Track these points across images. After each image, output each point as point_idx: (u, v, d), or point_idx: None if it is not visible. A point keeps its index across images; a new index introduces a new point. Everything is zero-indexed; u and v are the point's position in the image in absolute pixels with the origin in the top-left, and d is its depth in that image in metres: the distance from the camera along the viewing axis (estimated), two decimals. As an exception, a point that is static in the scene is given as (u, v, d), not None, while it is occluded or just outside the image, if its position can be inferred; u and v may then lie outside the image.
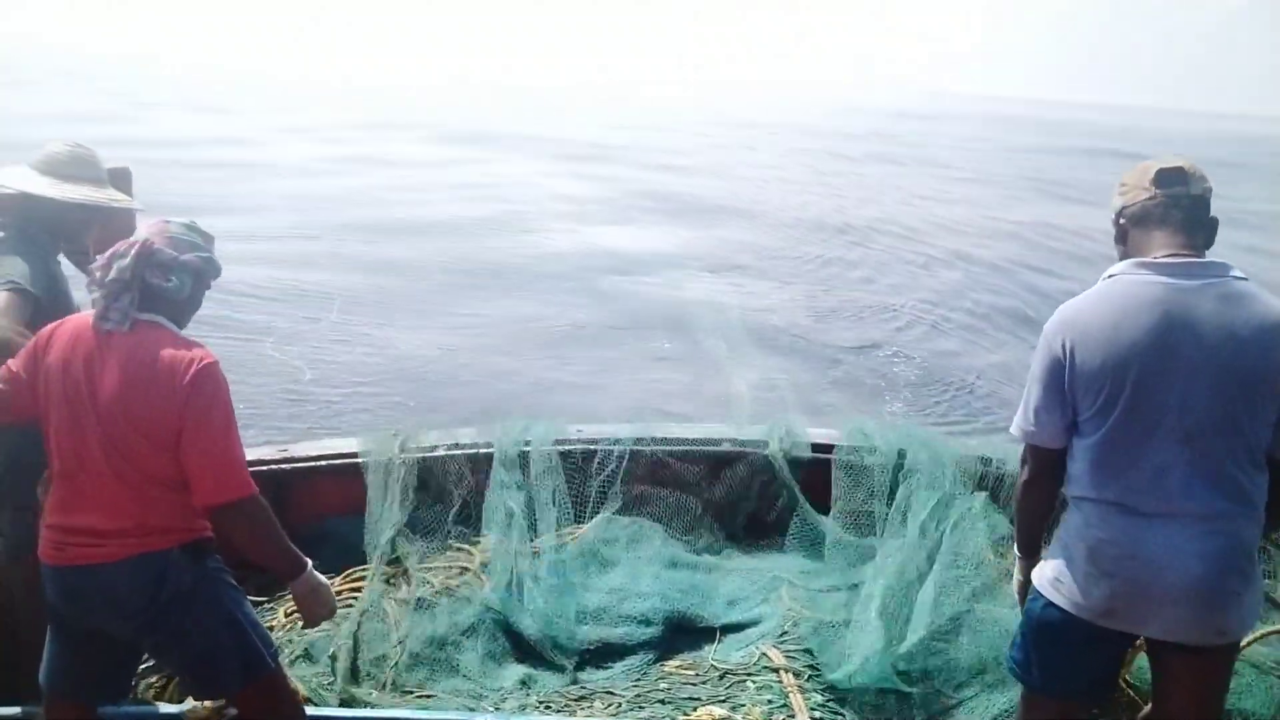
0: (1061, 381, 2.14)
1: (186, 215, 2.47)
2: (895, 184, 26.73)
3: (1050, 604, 2.22)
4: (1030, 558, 2.41)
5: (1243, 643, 2.68)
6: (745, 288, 13.36)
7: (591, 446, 4.23)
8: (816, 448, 4.23)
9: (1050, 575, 2.24)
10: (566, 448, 4.20)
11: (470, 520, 4.08)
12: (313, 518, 4.08)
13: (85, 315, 2.35)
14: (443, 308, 11.53)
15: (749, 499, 4.25)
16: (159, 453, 2.22)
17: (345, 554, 3.94)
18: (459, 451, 4.21)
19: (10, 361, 2.37)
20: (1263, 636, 2.89)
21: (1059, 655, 2.26)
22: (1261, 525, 2.12)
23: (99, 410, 2.22)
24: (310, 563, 2.42)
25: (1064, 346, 2.13)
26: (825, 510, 3.99)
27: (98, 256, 2.34)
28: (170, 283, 2.31)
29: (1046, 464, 2.25)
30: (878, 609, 3.20)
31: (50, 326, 2.37)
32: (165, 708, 2.74)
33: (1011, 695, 2.87)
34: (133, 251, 2.27)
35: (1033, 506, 2.35)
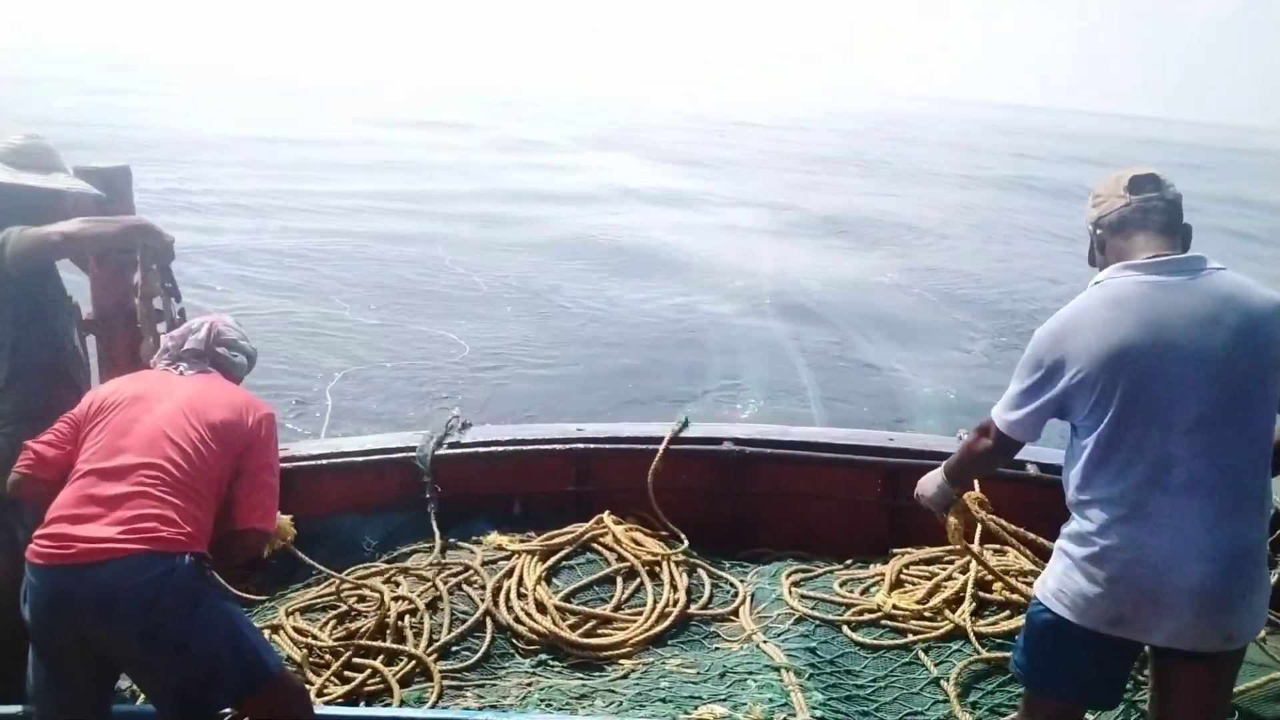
0: (1049, 385, 2.16)
1: None
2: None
3: (1053, 613, 2.21)
4: (956, 487, 2.64)
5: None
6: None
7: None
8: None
9: (1053, 586, 2.22)
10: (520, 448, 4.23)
11: (473, 518, 4.09)
12: (314, 516, 4.08)
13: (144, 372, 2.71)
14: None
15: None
16: (220, 455, 2.44)
17: (347, 552, 3.95)
18: (464, 450, 4.22)
19: (60, 422, 2.52)
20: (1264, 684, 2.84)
21: (1062, 661, 2.25)
22: (1267, 521, 2.10)
23: (171, 410, 2.45)
24: None
25: (1059, 353, 2.13)
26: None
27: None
28: (237, 358, 2.77)
29: (1010, 448, 2.38)
30: None
31: (105, 386, 2.62)
32: None
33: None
34: (205, 328, 2.70)
35: (982, 469, 2.66)
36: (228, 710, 2.50)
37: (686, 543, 3.92)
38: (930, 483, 2.69)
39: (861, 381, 9.82)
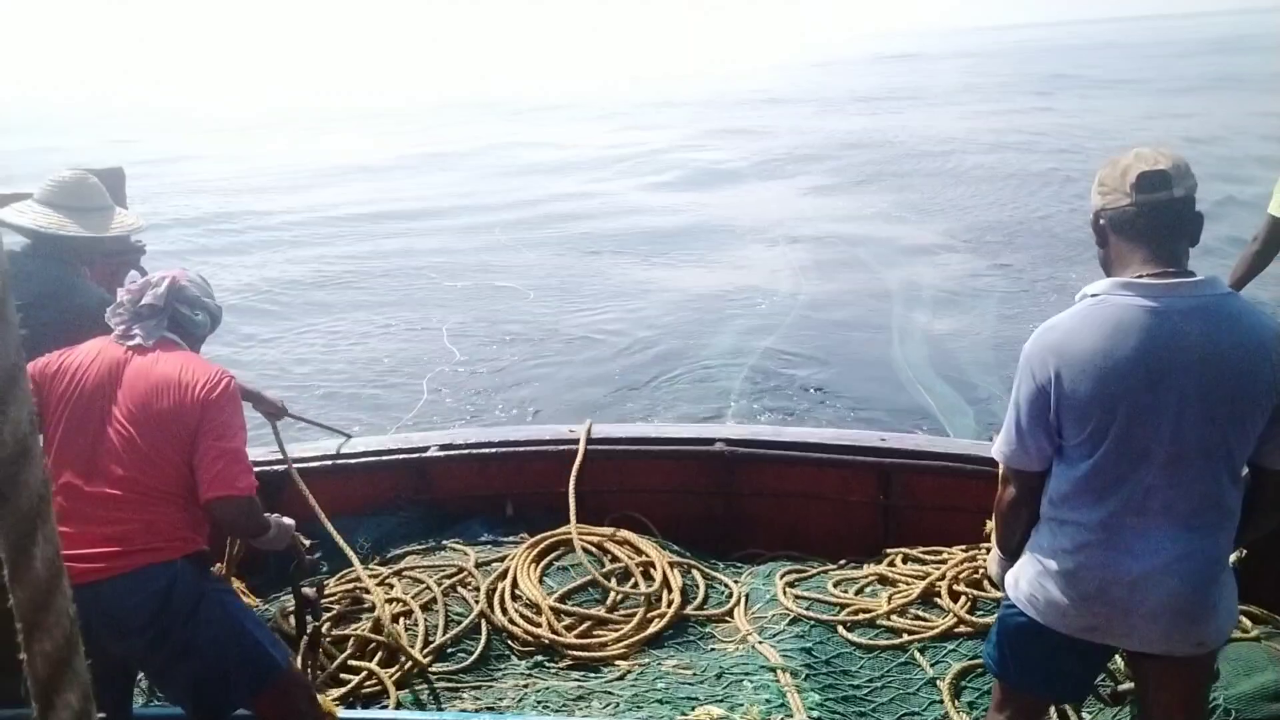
0: (1047, 409, 2.08)
1: None
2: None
3: (1026, 617, 2.21)
4: (1011, 558, 2.40)
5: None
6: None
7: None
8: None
9: (1025, 591, 2.21)
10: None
11: (466, 520, 4.08)
12: (307, 518, 4.07)
13: (98, 339, 2.47)
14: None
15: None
16: (178, 450, 2.32)
17: (340, 554, 3.92)
18: (456, 451, 4.21)
19: None
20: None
21: (1036, 661, 2.26)
22: (1234, 533, 2.11)
23: (125, 409, 2.32)
24: (283, 525, 2.67)
25: (1049, 374, 2.06)
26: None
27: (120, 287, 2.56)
28: (198, 316, 2.59)
29: (1030, 487, 2.22)
30: None
31: (55, 354, 2.42)
32: None
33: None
34: (165, 284, 2.52)
35: (1016, 525, 2.32)
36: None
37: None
38: (991, 566, 2.52)
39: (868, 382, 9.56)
